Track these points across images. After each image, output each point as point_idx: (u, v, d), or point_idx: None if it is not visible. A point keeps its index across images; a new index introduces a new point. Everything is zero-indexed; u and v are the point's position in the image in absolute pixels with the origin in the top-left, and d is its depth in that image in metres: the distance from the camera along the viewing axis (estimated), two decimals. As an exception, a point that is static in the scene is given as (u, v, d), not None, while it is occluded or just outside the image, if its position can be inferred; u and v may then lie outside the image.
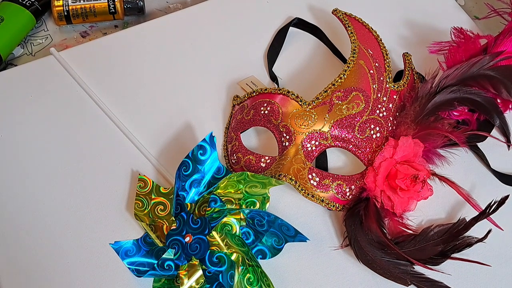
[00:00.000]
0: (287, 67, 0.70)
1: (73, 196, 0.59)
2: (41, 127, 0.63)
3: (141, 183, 0.57)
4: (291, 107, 0.58)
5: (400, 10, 0.76)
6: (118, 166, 0.61)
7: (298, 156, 0.57)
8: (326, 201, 0.57)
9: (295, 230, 0.53)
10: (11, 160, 0.61)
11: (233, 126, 0.62)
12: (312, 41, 0.72)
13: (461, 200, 0.58)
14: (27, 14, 0.72)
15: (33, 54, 0.73)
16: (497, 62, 0.61)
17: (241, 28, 0.73)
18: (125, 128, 0.63)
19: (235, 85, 0.67)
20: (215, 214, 0.54)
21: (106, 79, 0.67)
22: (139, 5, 0.75)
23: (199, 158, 0.56)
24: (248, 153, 0.59)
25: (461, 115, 0.62)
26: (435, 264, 0.54)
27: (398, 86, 0.62)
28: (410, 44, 0.72)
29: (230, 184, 0.54)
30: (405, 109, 0.61)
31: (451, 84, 0.61)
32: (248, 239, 0.55)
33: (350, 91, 0.58)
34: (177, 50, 0.70)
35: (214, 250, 0.52)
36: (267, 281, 0.52)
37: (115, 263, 0.55)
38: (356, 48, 0.60)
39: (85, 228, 0.57)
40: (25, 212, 0.58)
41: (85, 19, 0.74)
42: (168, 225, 0.55)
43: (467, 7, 0.79)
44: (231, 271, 0.51)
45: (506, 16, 0.69)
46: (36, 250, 0.56)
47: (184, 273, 0.51)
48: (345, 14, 0.64)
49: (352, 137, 0.58)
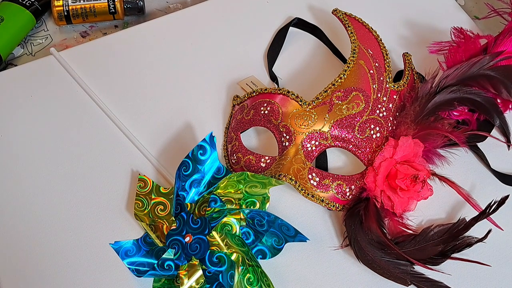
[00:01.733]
0: (287, 67, 0.70)
1: (73, 196, 0.59)
2: (41, 127, 0.63)
3: (141, 183, 0.57)
4: (291, 107, 0.58)
5: (400, 10, 0.76)
6: (118, 166, 0.61)
7: (298, 156, 0.57)
8: (326, 201, 0.57)
9: (295, 230, 0.53)
10: (11, 160, 0.61)
11: (233, 126, 0.62)
12: (312, 41, 0.72)
13: (461, 200, 0.58)
14: (27, 14, 0.72)
15: (33, 54, 0.73)
16: (497, 62, 0.61)
17: (241, 28, 0.73)
18: (125, 128, 0.63)
19: (235, 85, 0.67)
20: (215, 214, 0.54)
21: (106, 79, 0.67)
22: (139, 5, 0.75)
23: (199, 158, 0.56)
24: (248, 153, 0.59)
25: (461, 115, 0.62)
26: (435, 264, 0.54)
27: (398, 86, 0.62)
28: (410, 44, 0.72)
29: (230, 184, 0.54)
30: (405, 109, 0.61)
31: (451, 84, 0.61)
32: (248, 239, 0.55)
33: (350, 91, 0.58)
34: (177, 50, 0.70)
35: (214, 250, 0.52)
36: (267, 281, 0.52)
37: (115, 263, 0.55)
38: (356, 48, 0.61)
39: (85, 228, 0.57)
40: (25, 212, 0.58)
41: (85, 19, 0.74)
42: (168, 225, 0.54)
43: (467, 7, 0.79)
44: (231, 271, 0.51)
45: (506, 16, 0.69)
46: (36, 250, 0.56)
47: (184, 273, 0.51)
48: (345, 14, 0.64)
49: (352, 137, 0.58)
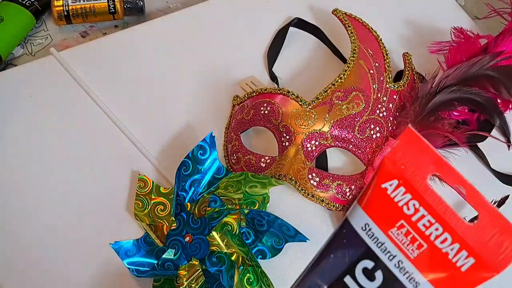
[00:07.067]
0: (287, 67, 0.70)
1: (73, 196, 0.59)
2: (41, 127, 0.63)
3: (141, 183, 0.57)
4: (291, 107, 0.58)
5: (400, 10, 0.76)
6: (118, 166, 0.61)
7: (298, 156, 0.57)
8: (326, 201, 0.57)
9: (295, 230, 0.53)
10: (11, 160, 0.61)
11: (233, 126, 0.62)
12: (312, 41, 0.72)
13: (461, 200, 0.58)
14: (27, 14, 0.72)
15: (33, 54, 0.73)
16: (497, 62, 0.61)
17: (241, 28, 0.73)
18: (125, 128, 0.63)
19: (235, 85, 0.67)
20: (215, 214, 0.54)
21: (106, 79, 0.67)
22: (139, 5, 0.75)
23: (199, 158, 0.56)
24: (248, 153, 0.59)
25: (461, 115, 0.62)
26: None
27: (398, 86, 0.62)
28: (410, 44, 0.72)
29: (230, 184, 0.54)
30: (405, 109, 0.61)
31: (451, 84, 0.61)
32: (248, 239, 0.55)
33: (350, 91, 0.58)
34: (177, 50, 0.70)
35: (214, 250, 0.52)
36: (267, 281, 0.52)
37: (115, 263, 0.55)
38: (356, 48, 0.61)
39: (85, 228, 0.57)
40: (24, 212, 0.58)
41: (85, 19, 0.74)
42: (168, 225, 0.55)
43: (467, 7, 0.79)
44: (231, 271, 0.51)
45: (506, 16, 0.69)
46: (36, 250, 0.56)
47: (184, 273, 0.51)
48: (345, 14, 0.64)
49: (352, 137, 0.58)
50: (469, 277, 0.25)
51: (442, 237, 0.26)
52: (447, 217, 0.26)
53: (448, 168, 0.26)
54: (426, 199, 0.27)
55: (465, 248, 0.26)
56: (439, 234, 0.26)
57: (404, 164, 0.27)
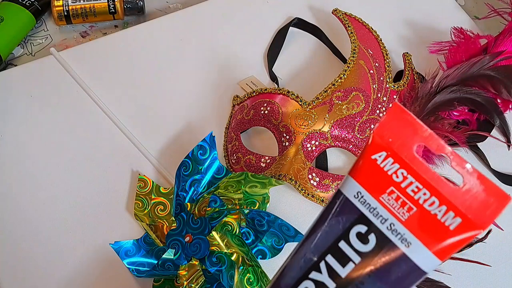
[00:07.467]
0: (287, 67, 0.70)
1: (73, 196, 0.59)
2: (41, 127, 0.63)
3: (141, 183, 0.57)
4: (291, 107, 0.58)
5: (400, 10, 0.76)
6: (118, 166, 0.61)
7: (298, 156, 0.57)
8: (326, 201, 0.57)
9: (295, 230, 0.53)
10: (11, 160, 0.61)
11: (233, 126, 0.62)
12: (312, 41, 0.72)
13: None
14: (27, 14, 0.72)
15: (33, 54, 0.73)
16: (497, 62, 0.61)
17: (241, 28, 0.73)
18: (125, 128, 0.63)
19: (235, 85, 0.67)
20: (215, 214, 0.54)
21: (106, 79, 0.67)
22: (139, 5, 0.75)
23: (199, 158, 0.56)
24: (248, 153, 0.59)
25: (461, 115, 0.62)
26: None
27: (398, 86, 0.62)
28: (410, 44, 0.72)
29: (230, 184, 0.54)
30: (405, 109, 0.61)
31: (451, 84, 0.61)
32: (248, 239, 0.55)
33: (350, 91, 0.58)
34: (177, 50, 0.70)
35: (214, 250, 0.52)
36: (267, 281, 0.52)
37: (115, 263, 0.55)
38: (356, 48, 0.61)
39: (85, 228, 0.57)
40: (25, 212, 0.58)
41: (85, 19, 0.74)
42: (168, 225, 0.55)
43: (467, 7, 0.79)
44: (231, 271, 0.51)
45: (506, 16, 0.69)
46: (36, 250, 0.56)
47: (184, 273, 0.51)
48: (345, 14, 0.64)
49: (352, 137, 0.58)
50: (457, 235, 0.27)
51: (430, 201, 0.28)
52: (434, 183, 0.28)
53: (432, 137, 0.28)
54: (413, 168, 0.29)
55: (452, 209, 0.28)
56: (427, 198, 0.28)
57: (391, 137, 0.29)
